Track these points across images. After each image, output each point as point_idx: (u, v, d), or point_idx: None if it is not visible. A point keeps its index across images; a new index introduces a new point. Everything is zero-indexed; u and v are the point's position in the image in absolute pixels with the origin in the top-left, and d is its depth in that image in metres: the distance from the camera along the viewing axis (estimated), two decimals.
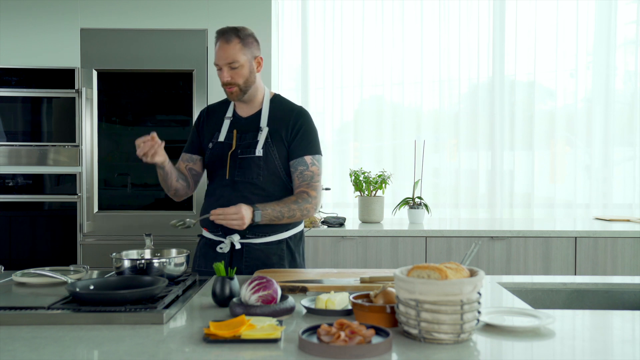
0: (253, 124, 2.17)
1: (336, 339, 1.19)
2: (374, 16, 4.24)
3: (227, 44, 2.06)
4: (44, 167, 3.55)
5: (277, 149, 2.14)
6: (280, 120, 2.16)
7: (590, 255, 3.39)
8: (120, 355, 1.20)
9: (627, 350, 1.29)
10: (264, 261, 2.14)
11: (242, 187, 2.12)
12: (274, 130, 2.14)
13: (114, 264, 1.80)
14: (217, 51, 2.08)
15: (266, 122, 2.15)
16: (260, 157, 2.11)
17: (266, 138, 2.13)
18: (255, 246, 2.13)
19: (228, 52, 2.05)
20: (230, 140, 2.17)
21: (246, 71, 2.09)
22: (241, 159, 2.13)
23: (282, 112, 2.19)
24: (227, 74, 2.07)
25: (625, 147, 4.27)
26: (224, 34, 2.07)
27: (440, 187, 4.27)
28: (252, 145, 2.13)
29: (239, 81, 2.09)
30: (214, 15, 3.60)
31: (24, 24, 3.56)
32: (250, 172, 2.12)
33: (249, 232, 2.11)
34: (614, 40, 4.19)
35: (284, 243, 2.17)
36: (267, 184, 2.13)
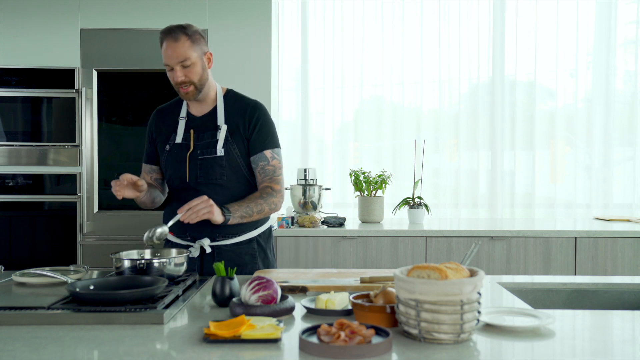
0: (209, 122, 2.11)
1: (336, 339, 1.19)
2: (374, 16, 4.24)
3: (175, 42, 1.98)
4: (44, 167, 3.55)
5: (237, 146, 2.08)
6: (237, 116, 2.11)
7: (590, 255, 3.39)
8: (120, 355, 1.20)
9: (627, 350, 1.29)
10: (237, 262, 2.10)
11: (205, 189, 2.06)
12: (232, 127, 2.09)
13: (114, 264, 1.79)
14: (165, 51, 2.00)
15: (223, 120, 2.10)
16: (222, 157, 2.06)
17: (226, 137, 2.07)
18: (225, 248, 2.10)
19: (178, 50, 1.98)
20: (187, 141, 2.10)
21: (199, 68, 2.03)
22: (202, 160, 2.07)
23: (237, 108, 2.13)
24: (180, 73, 2.00)
25: (625, 147, 4.27)
26: (171, 32, 2.00)
27: (440, 187, 4.27)
28: (211, 145, 2.07)
29: (193, 79, 2.02)
30: (214, 15, 3.60)
31: (24, 24, 3.56)
32: (213, 173, 2.07)
33: (219, 234, 2.08)
34: (614, 40, 4.19)
35: (254, 241, 2.15)
36: (231, 183, 2.09)
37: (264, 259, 2.18)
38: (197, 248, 2.03)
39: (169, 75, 2.05)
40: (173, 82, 2.04)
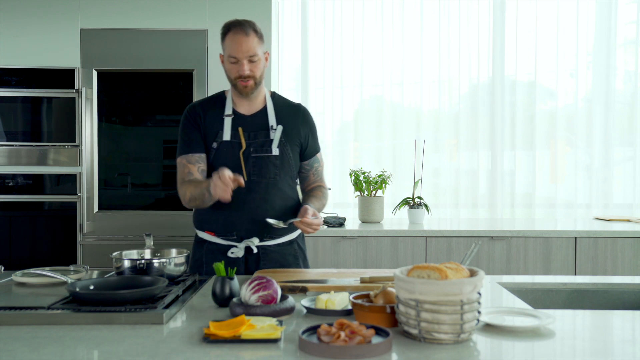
0: (260, 122, 2.10)
1: (336, 339, 1.19)
2: (374, 16, 4.24)
3: (247, 37, 1.99)
4: (44, 167, 3.55)
5: (290, 147, 2.10)
6: (289, 118, 2.13)
7: (590, 255, 3.39)
8: (120, 355, 1.20)
9: (628, 350, 1.29)
10: (282, 263, 2.11)
11: (258, 187, 2.06)
12: (285, 129, 2.10)
13: (114, 264, 1.79)
14: (232, 43, 1.99)
15: (275, 120, 2.10)
16: (276, 156, 2.07)
17: (280, 137, 2.08)
18: (271, 249, 2.10)
19: (249, 44, 1.99)
20: (237, 139, 2.08)
21: (262, 65, 2.05)
22: (255, 158, 2.06)
23: (286, 110, 2.15)
24: (247, 66, 2.00)
25: (626, 147, 4.27)
26: (242, 25, 2.00)
27: (440, 187, 4.27)
28: (266, 144, 2.07)
29: (256, 74, 2.04)
30: (214, 15, 3.60)
31: (24, 24, 3.56)
32: (267, 172, 2.06)
33: (267, 235, 2.08)
34: (614, 40, 4.19)
35: (295, 243, 2.17)
36: (282, 182, 2.10)
37: (303, 260, 2.19)
38: (242, 248, 2.04)
39: (229, 67, 2.03)
40: (234, 75, 2.02)
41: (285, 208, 2.10)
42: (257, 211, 2.05)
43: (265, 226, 2.03)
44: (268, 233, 2.08)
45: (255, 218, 2.05)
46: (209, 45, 3.55)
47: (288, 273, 1.97)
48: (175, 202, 3.57)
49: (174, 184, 3.59)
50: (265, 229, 2.06)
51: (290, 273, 1.97)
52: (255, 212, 2.05)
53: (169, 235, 3.49)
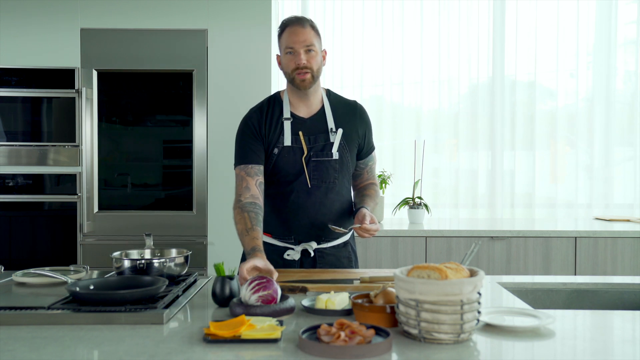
0: (319, 125, 2.06)
1: (336, 339, 1.19)
2: (374, 16, 4.24)
3: (303, 28, 1.97)
4: (44, 167, 3.55)
5: (349, 149, 2.07)
6: (347, 119, 2.09)
7: (590, 255, 3.39)
8: (120, 355, 1.20)
9: (628, 351, 1.29)
10: (337, 265, 2.10)
11: (318, 192, 2.03)
12: (344, 132, 2.06)
13: (114, 264, 1.79)
14: (289, 35, 1.97)
15: (333, 122, 2.06)
16: (336, 160, 2.04)
17: (340, 140, 2.04)
18: (327, 251, 2.09)
19: (305, 35, 1.96)
20: (298, 143, 2.03)
21: (320, 59, 2.01)
22: (316, 163, 2.03)
23: (343, 110, 2.10)
24: (304, 56, 1.96)
25: (626, 147, 4.27)
26: (298, 19, 2.00)
27: (440, 187, 4.27)
28: (326, 148, 2.03)
29: (314, 67, 1.98)
30: (214, 15, 3.59)
31: (24, 24, 3.56)
32: (327, 177, 2.03)
33: (324, 238, 2.07)
34: (615, 40, 4.19)
35: (349, 245, 2.16)
36: (341, 186, 2.07)
37: (355, 262, 2.18)
38: (298, 251, 2.04)
39: (286, 60, 1.99)
40: (292, 66, 1.97)
41: (343, 211, 2.10)
42: (315, 215, 2.04)
43: (323, 230, 2.04)
44: (325, 237, 2.07)
45: (314, 222, 2.04)
46: (209, 45, 3.55)
47: (288, 273, 1.97)
48: (175, 202, 3.57)
49: (174, 184, 3.62)
50: (323, 232, 2.05)
51: (290, 273, 1.97)
52: (314, 216, 2.04)
53: (169, 235, 3.49)
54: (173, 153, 3.60)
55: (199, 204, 3.53)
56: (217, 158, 3.51)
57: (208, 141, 3.54)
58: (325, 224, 2.03)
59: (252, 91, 3.50)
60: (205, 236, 3.53)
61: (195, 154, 3.54)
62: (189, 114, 3.53)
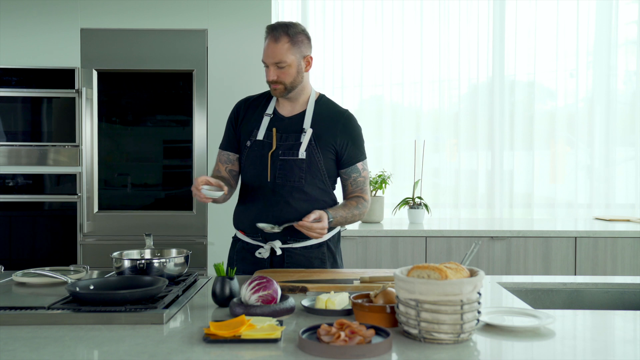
0: (295, 124, 2.08)
1: (336, 339, 1.19)
2: (374, 16, 4.24)
3: (275, 43, 1.98)
4: (44, 167, 3.55)
5: (322, 153, 2.06)
6: (327, 124, 2.09)
7: (590, 255, 3.39)
8: (120, 355, 1.20)
9: (628, 350, 1.29)
10: (306, 265, 2.09)
11: (283, 190, 2.04)
12: (319, 134, 2.06)
13: (114, 264, 1.79)
14: (265, 48, 2.01)
15: (309, 124, 2.07)
16: (303, 160, 2.03)
17: (310, 140, 2.05)
18: (296, 251, 2.09)
19: (276, 51, 1.98)
20: (269, 139, 2.07)
21: (294, 71, 2.02)
22: (282, 161, 2.04)
23: (328, 116, 2.10)
24: (273, 73, 2.00)
25: (626, 147, 4.27)
26: (274, 30, 2.00)
27: (440, 187, 4.27)
28: (294, 147, 2.05)
29: (285, 81, 2.02)
30: (214, 15, 3.60)
31: (24, 24, 3.56)
32: (292, 175, 2.04)
33: (290, 237, 2.07)
34: (615, 40, 4.19)
35: (324, 246, 2.13)
36: (309, 187, 2.05)
37: (332, 264, 2.16)
38: (267, 249, 2.05)
39: (265, 70, 2.05)
40: (266, 78, 2.05)
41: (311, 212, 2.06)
42: (281, 214, 2.03)
43: (288, 228, 2.03)
44: (292, 237, 2.07)
45: (278, 221, 2.03)
46: (209, 45, 3.55)
47: (288, 273, 1.97)
48: (175, 202, 3.57)
49: (174, 184, 3.62)
50: (289, 231, 2.05)
51: (291, 273, 1.97)
52: (279, 214, 2.03)
53: (169, 235, 3.49)
54: (173, 153, 3.60)
55: (199, 204, 3.53)
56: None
57: (208, 141, 3.54)
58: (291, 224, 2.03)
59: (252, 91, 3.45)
60: (205, 236, 3.53)
61: (195, 154, 3.54)
62: (189, 114, 3.53)
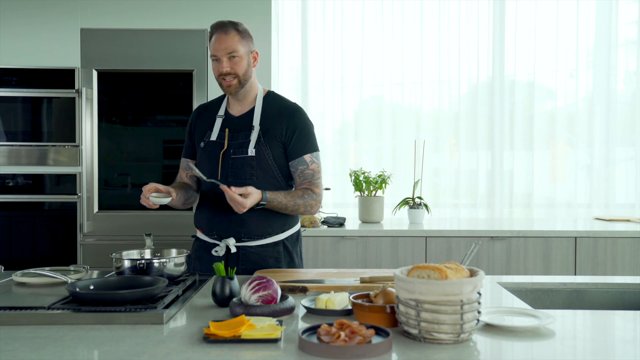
0: (245, 123, 2.13)
1: (336, 339, 1.19)
2: (373, 16, 4.24)
3: (225, 35, 2.05)
4: (44, 167, 3.55)
5: (270, 148, 2.09)
6: (274, 118, 2.12)
7: (590, 255, 3.39)
8: (120, 355, 1.20)
9: (628, 350, 1.29)
10: (260, 264, 2.10)
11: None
12: (266, 129, 2.09)
13: (114, 264, 1.79)
14: (214, 43, 2.06)
15: (258, 121, 2.11)
16: (252, 157, 2.07)
17: (259, 137, 2.08)
18: (250, 249, 2.11)
19: (227, 42, 2.04)
20: (222, 139, 2.12)
21: (245, 63, 2.08)
22: (233, 159, 2.09)
23: (275, 110, 2.14)
24: (226, 64, 2.05)
25: (626, 147, 4.27)
26: (221, 25, 2.07)
27: (440, 187, 4.27)
28: (244, 145, 2.08)
29: (238, 72, 2.06)
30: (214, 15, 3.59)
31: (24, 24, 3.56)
32: (243, 173, 2.08)
33: (245, 236, 2.09)
34: (615, 40, 4.19)
35: (280, 245, 2.14)
36: (261, 184, 2.07)
37: (289, 263, 2.16)
38: (223, 247, 2.07)
39: (213, 66, 2.09)
40: (217, 73, 2.08)
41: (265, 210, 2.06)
42: (233, 212, 2.01)
43: (242, 226, 2.07)
44: (246, 235, 2.09)
45: (232, 219, 2.07)
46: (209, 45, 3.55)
47: (288, 273, 1.97)
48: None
49: None
50: (243, 229, 2.08)
51: (290, 273, 1.97)
52: (232, 213, 2.02)
53: (169, 235, 3.49)
54: (173, 153, 3.60)
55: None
56: None
57: None
58: (244, 221, 2.06)
59: None
60: None
61: None
62: (189, 114, 3.53)
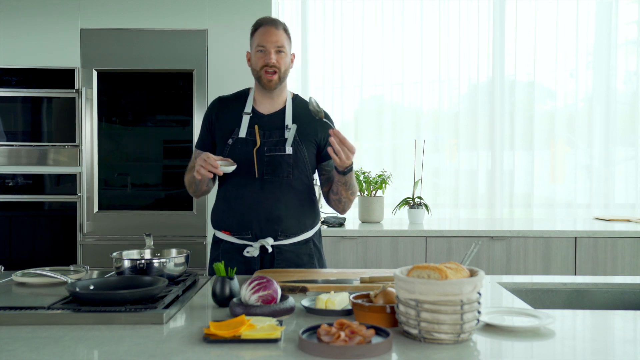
0: (277, 122, 2.12)
1: (336, 339, 1.19)
2: (374, 16, 4.24)
3: (276, 29, 2.07)
4: (44, 167, 3.55)
5: (305, 147, 2.10)
6: (306, 119, 2.13)
7: (590, 255, 3.39)
8: (120, 355, 1.20)
9: (628, 350, 1.29)
10: (297, 262, 2.10)
11: (271, 186, 2.06)
12: (301, 130, 2.10)
13: (114, 264, 1.79)
14: (262, 35, 2.06)
15: (291, 121, 2.12)
16: (290, 155, 2.07)
17: (294, 137, 2.08)
18: (285, 247, 2.09)
19: (278, 36, 2.06)
20: (252, 136, 2.09)
21: (287, 61, 2.11)
22: (269, 157, 2.07)
23: (306, 111, 2.14)
24: (274, 56, 2.05)
25: (626, 147, 4.27)
26: (272, 20, 2.09)
27: (440, 187, 4.27)
28: (280, 143, 2.08)
29: (282, 67, 2.08)
30: (214, 15, 3.60)
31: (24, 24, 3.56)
32: (281, 171, 2.06)
33: (281, 234, 2.08)
34: (615, 40, 4.19)
35: (310, 242, 2.15)
36: (296, 182, 2.08)
37: (319, 260, 2.17)
38: (257, 248, 2.05)
39: (256, 57, 2.08)
40: (261, 64, 2.07)
41: (300, 207, 2.10)
42: (271, 210, 2.05)
43: (279, 225, 2.05)
44: (282, 233, 2.08)
45: (269, 217, 2.05)
46: (209, 45, 3.55)
47: (288, 273, 1.97)
48: (176, 202, 3.57)
49: (174, 184, 3.62)
50: (280, 227, 2.06)
51: (290, 273, 1.97)
52: (270, 210, 2.05)
53: (169, 235, 3.49)
54: (173, 153, 3.60)
55: (199, 204, 3.53)
56: None
57: None
58: (281, 219, 2.05)
59: None
60: (205, 236, 3.53)
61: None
62: (189, 114, 3.53)
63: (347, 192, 2.12)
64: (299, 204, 2.09)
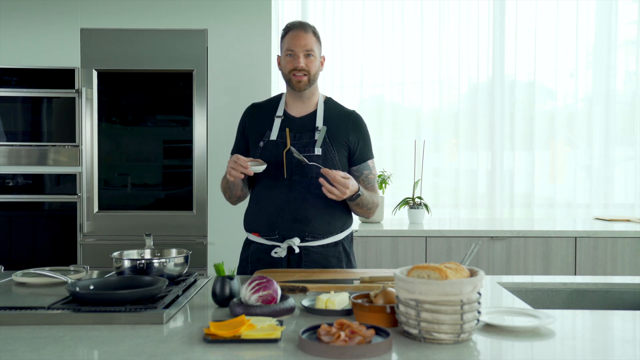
0: (307, 124, 2.13)
1: (336, 339, 1.19)
2: (374, 16, 4.24)
3: (305, 33, 2.09)
4: (44, 167, 3.55)
5: (335, 149, 2.11)
6: (338, 122, 2.14)
7: (590, 255, 3.39)
8: (120, 355, 1.20)
9: (628, 351, 1.29)
10: (324, 264, 2.09)
11: (300, 187, 2.07)
12: (331, 132, 2.11)
13: (114, 264, 1.79)
14: (291, 39, 2.09)
15: (322, 123, 2.13)
16: (319, 156, 2.07)
17: (324, 138, 2.09)
18: (313, 249, 2.08)
19: (306, 39, 2.08)
20: (283, 139, 2.10)
21: (317, 64, 2.13)
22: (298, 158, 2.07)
23: (338, 115, 2.16)
24: (302, 60, 2.08)
25: (626, 147, 4.27)
26: (302, 25, 2.11)
27: (440, 187, 4.27)
28: (309, 144, 2.08)
29: (311, 70, 2.10)
30: (214, 15, 3.60)
31: (24, 24, 3.56)
32: (309, 172, 2.06)
33: (309, 235, 2.07)
34: (615, 40, 4.19)
35: (340, 245, 2.14)
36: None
37: (347, 263, 2.16)
38: (284, 248, 2.04)
39: (285, 61, 2.11)
40: (289, 68, 2.10)
41: (330, 208, 2.09)
42: (298, 210, 2.05)
43: (307, 226, 2.05)
44: (310, 234, 2.07)
45: (297, 217, 2.06)
46: (209, 45, 3.55)
47: (288, 273, 1.97)
48: (175, 202, 3.57)
49: (174, 184, 3.62)
50: (307, 228, 2.06)
51: (290, 273, 1.97)
52: (297, 211, 2.05)
53: (169, 235, 3.49)
54: (173, 153, 3.60)
55: (199, 204, 3.53)
56: (217, 158, 3.51)
57: (208, 141, 3.54)
58: (309, 219, 2.06)
59: (251, 91, 3.50)
60: (205, 236, 3.53)
61: (196, 154, 3.54)
62: (189, 114, 3.53)
63: (362, 209, 2.14)
64: (327, 205, 2.08)
